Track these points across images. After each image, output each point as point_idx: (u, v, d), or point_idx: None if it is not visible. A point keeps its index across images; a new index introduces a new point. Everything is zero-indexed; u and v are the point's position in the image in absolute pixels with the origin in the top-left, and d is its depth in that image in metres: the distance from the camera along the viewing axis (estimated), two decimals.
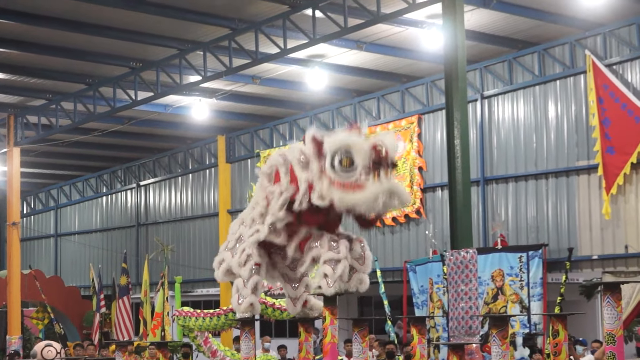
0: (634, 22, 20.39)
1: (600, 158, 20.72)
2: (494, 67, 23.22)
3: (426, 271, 22.78)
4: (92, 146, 31.28)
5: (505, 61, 22.98)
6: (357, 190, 9.51)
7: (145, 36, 21.46)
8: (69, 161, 35.33)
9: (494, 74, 23.25)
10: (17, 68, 23.49)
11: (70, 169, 37.09)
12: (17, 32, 20.86)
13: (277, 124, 29.05)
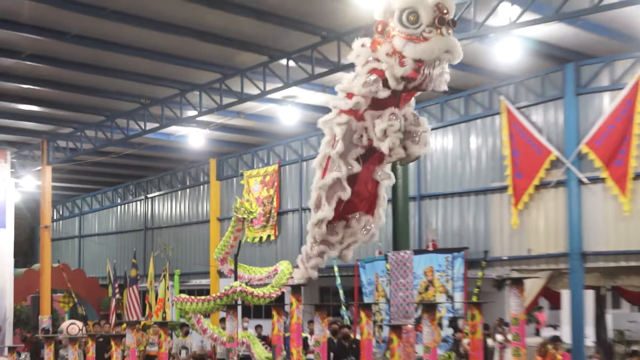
0: (538, 74, 20.67)
1: (511, 180, 20.95)
2: (429, 107, 23.38)
3: (373, 267, 22.88)
4: (109, 166, 31.16)
5: (438, 103, 23.17)
6: (422, 42, 8.43)
7: (153, 78, 21.48)
8: (90, 177, 35.15)
9: (429, 113, 23.41)
10: (50, 102, 23.41)
11: (91, 184, 36.91)
12: (50, 74, 20.79)
13: (257, 150, 29.13)
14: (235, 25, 17.99)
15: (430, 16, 8.10)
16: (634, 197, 18.90)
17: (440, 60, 8.62)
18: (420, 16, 8.18)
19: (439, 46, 8.37)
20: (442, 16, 8.13)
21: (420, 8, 8.12)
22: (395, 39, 8.29)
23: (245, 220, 18.92)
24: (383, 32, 8.49)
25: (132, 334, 15.40)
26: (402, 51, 8.44)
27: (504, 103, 21.22)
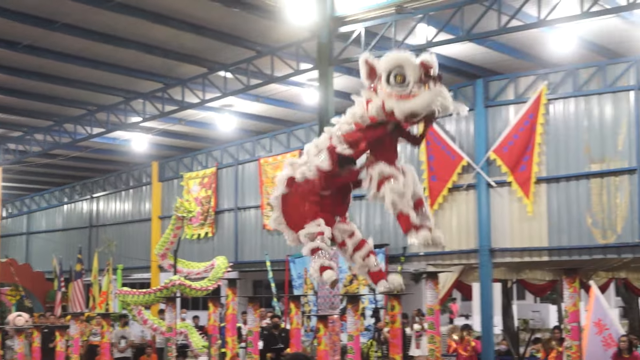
0: (451, 89, 20.67)
1: (427, 183, 21.05)
2: None
3: (302, 262, 22.85)
4: (57, 167, 30.52)
5: None
6: (413, 98, 7.63)
7: (100, 87, 21.14)
8: (39, 178, 34.31)
9: None
10: (2, 108, 22.79)
11: (40, 184, 36.04)
12: (2, 81, 20.26)
13: (196, 154, 28.82)
14: (177, 39, 17.83)
15: (417, 74, 7.74)
16: (536, 199, 19.25)
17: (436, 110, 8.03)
18: (407, 75, 7.85)
19: (430, 98, 7.88)
20: (427, 72, 7.77)
21: (407, 67, 7.75)
22: (386, 101, 7.78)
23: (185, 218, 18.74)
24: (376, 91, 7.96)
25: (76, 325, 15.13)
26: (393, 110, 7.93)
27: None
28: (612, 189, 18.23)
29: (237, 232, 26.91)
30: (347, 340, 12.14)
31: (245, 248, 26.62)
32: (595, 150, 18.56)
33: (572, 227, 18.77)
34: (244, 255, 26.58)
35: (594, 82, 18.70)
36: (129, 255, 30.37)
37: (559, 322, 21.88)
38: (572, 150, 18.93)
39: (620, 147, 18.20)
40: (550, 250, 19.16)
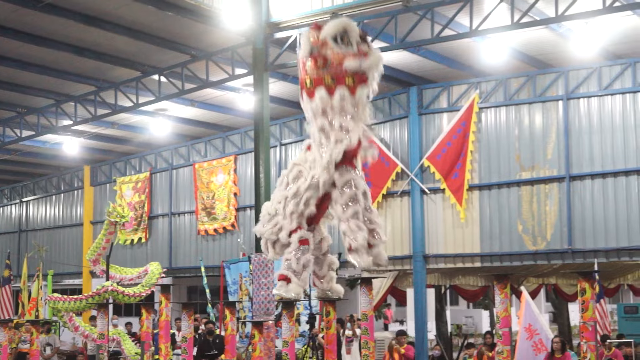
0: (386, 96, 21.03)
1: None
2: (290, 123, 23.49)
3: (237, 268, 22.71)
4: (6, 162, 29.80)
5: (297, 119, 23.30)
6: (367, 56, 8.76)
7: (31, 89, 20.70)
8: None
9: (290, 128, 23.56)
10: None
11: None
12: None
13: (130, 158, 28.44)
14: (110, 42, 17.60)
15: (355, 35, 8.59)
16: (468, 206, 19.56)
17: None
18: (351, 37, 8.62)
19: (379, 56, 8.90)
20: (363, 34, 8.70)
21: (350, 30, 8.58)
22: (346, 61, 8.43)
23: (118, 223, 18.45)
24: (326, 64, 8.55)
25: (4, 332, 14.74)
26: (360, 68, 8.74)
27: None
28: (542, 196, 18.65)
29: (172, 238, 26.66)
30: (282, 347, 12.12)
31: (179, 253, 26.38)
32: (526, 159, 18.96)
33: (503, 233, 19.14)
34: (178, 261, 26.33)
35: (524, 91, 19.13)
36: (60, 260, 29.79)
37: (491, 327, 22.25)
38: (504, 158, 19.30)
39: (549, 155, 18.65)
40: (483, 257, 19.49)
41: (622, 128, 17.83)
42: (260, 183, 16.63)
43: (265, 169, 16.67)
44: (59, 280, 29.87)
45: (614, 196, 17.80)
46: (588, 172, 18.14)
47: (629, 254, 17.72)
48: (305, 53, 8.94)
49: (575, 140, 18.36)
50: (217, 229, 25.10)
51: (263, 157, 16.71)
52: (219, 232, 25.13)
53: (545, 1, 14.61)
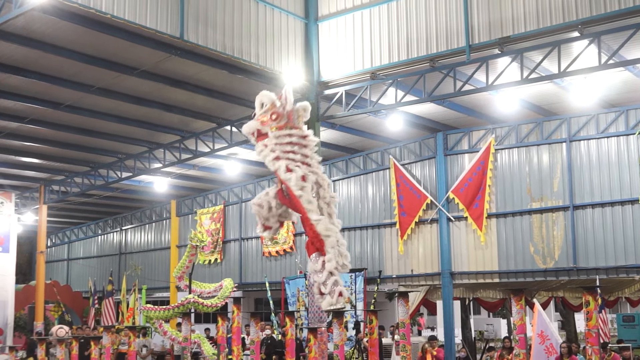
0: (417, 140, 20.93)
1: (397, 218, 21.08)
2: (337, 163, 23.44)
3: (295, 283, 22.70)
4: (92, 205, 30.27)
5: (343, 160, 23.26)
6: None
7: (128, 139, 21.07)
8: (77, 214, 34.01)
9: (337, 167, 23.52)
10: (47, 156, 22.65)
11: (78, 219, 35.70)
12: (47, 134, 20.18)
13: (207, 194, 28.71)
14: (192, 100, 17.86)
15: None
16: (487, 231, 19.22)
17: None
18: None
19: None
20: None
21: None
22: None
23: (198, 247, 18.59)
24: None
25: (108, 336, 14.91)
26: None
27: (392, 161, 21.43)
28: (550, 223, 18.25)
29: (242, 258, 26.71)
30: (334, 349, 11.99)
31: (248, 271, 26.41)
32: (535, 191, 18.62)
33: (517, 254, 18.74)
34: (247, 277, 26.35)
35: (533, 135, 18.84)
36: (152, 277, 30.09)
37: (509, 333, 21.70)
38: (517, 191, 18.98)
39: (555, 188, 18.29)
40: (500, 274, 19.08)
41: (618, 165, 17.42)
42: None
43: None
44: (151, 293, 30.14)
45: (612, 222, 17.34)
46: (589, 202, 17.73)
47: (626, 271, 17.21)
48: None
49: (578, 175, 17.98)
50: (279, 251, 25.10)
51: None
52: (280, 253, 25.12)
53: (550, 60, 14.43)
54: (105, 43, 14.21)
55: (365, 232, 22.37)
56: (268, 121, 7.32)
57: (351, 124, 20.05)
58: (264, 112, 7.40)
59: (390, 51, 15.82)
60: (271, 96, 7.34)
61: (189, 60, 15.10)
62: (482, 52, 14.75)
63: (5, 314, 21.93)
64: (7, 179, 25.50)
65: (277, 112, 7.34)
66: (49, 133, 20.08)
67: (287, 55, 16.35)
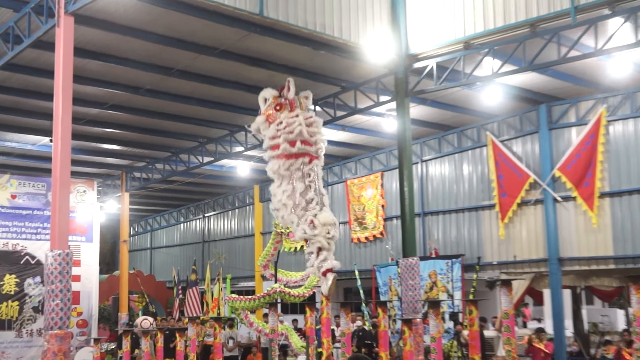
0: (517, 114, 20.53)
1: (497, 199, 20.79)
2: (429, 141, 23.33)
3: (387, 271, 22.77)
4: (174, 191, 31.31)
5: (436, 138, 23.11)
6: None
7: (209, 122, 21.58)
8: (159, 201, 35.29)
9: (429, 146, 23.38)
10: (128, 142, 23.54)
11: (160, 206, 37.06)
12: (128, 120, 20.96)
13: None
14: (272, 79, 17.95)
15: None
16: (600, 212, 18.64)
17: None
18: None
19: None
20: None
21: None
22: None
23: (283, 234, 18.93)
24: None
25: (193, 328, 15.40)
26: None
27: (490, 137, 21.09)
28: None
29: None
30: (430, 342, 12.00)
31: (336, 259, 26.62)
32: None
33: (636, 237, 18.09)
34: None
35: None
36: (236, 266, 30.90)
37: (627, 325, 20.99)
38: (633, 166, 18.28)
39: None
40: (616, 259, 18.48)
41: None
42: (405, 195, 16.57)
43: (408, 183, 16.60)
44: (236, 283, 30.95)
45: None
46: None
47: None
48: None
49: None
50: (368, 237, 25.22)
51: (406, 172, 16.64)
52: (369, 239, 25.25)
53: None
54: (183, 23, 14.61)
55: (462, 216, 22.17)
56: (273, 113, 8.90)
57: (444, 99, 19.85)
58: (267, 106, 8.91)
59: (485, 17, 15.49)
60: (272, 91, 8.88)
61: (269, 38, 15.30)
62: (589, 14, 14.18)
63: (89, 305, 23.04)
64: (89, 166, 26.71)
65: (280, 103, 8.92)
66: (129, 118, 20.87)
67: (372, 27, 16.29)
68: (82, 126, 20.65)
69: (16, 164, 25.76)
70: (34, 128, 21.14)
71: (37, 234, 21.90)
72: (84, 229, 23.46)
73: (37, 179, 22.44)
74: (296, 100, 8.86)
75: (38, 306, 20.97)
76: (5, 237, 21.41)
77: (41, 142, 22.55)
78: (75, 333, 21.83)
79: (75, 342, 21.37)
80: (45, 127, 19.77)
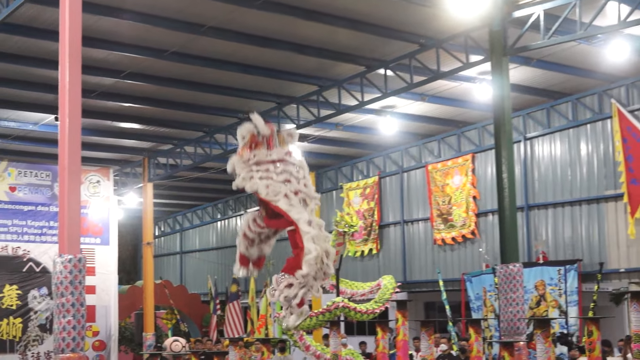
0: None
1: (625, 188, 20.37)
2: (534, 113, 23.03)
3: (480, 281, 22.58)
4: (209, 181, 31.67)
5: (544, 109, 22.78)
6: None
7: (251, 93, 21.74)
8: (190, 193, 35.81)
9: (535, 119, 23.06)
10: (150, 120, 23.94)
11: (191, 200, 37.59)
12: (149, 91, 21.27)
13: (356, 162, 29.14)
14: (331, 37, 18.06)
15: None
16: None
17: None
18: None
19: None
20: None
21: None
22: None
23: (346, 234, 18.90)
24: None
25: (235, 351, 15.59)
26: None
27: (616, 106, 20.66)
28: None
29: (405, 248, 26.95)
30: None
31: (414, 266, 26.61)
32: None
33: None
34: (413, 274, 26.58)
35: None
36: None
37: None
38: None
39: None
40: None
41: None
42: (503, 184, 16.34)
43: (508, 168, 16.37)
44: None
45: None
46: None
47: None
48: None
49: None
50: (456, 237, 25.03)
51: (505, 154, 16.41)
52: (457, 240, 25.06)
53: None
54: None
55: (578, 209, 21.85)
56: (247, 152, 9.21)
57: (553, 57, 19.54)
58: (243, 144, 9.20)
59: None
60: (249, 127, 9.16)
61: None
62: None
63: (107, 323, 23.43)
64: (103, 150, 27.25)
65: (256, 141, 9.16)
66: (151, 89, 21.17)
67: None
68: (93, 100, 21.05)
69: (15, 149, 26.45)
70: (35, 103, 21.65)
71: (42, 235, 22.44)
72: (99, 228, 23.92)
73: (40, 167, 22.98)
74: (274, 138, 9.43)
75: (46, 324, 21.49)
76: (4, 240, 21.95)
77: (45, 120, 23.09)
78: (92, 357, 22.35)
79: None
80: (49, 102, 20.22)
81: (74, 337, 12.03)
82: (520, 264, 16.09)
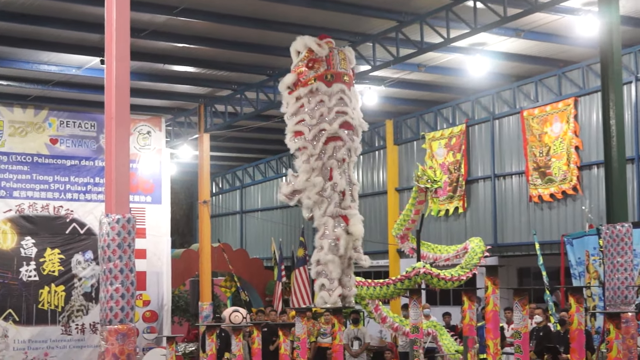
0: None
1: None
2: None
3: (583, 244, 22.38)
4: (272, 131, 31.78)
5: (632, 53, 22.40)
6: None
7: (321, 30, 21.50)
8: (252, 145, 36.08)
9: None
10: (207, 62, 24.09)
11: (253, 152, 37.87)
12: (206, 30, 21.40)
13: (440, 108, 29.03)
14: None
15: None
16: None
17: None
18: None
19: None
20: None
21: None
22: None
23: (429, 190, 19.00)
24: None
25: (302, 323, 15.73)
26: None
27: None
28: None
29: (496, 206, 26.87)
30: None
31: (506, 226, 26.54)
32: None
33: None
34: (505, 236, 26.52)
35: None
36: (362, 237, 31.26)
37: None
38: None
39: None
40: None
41: None
42: (611, 132, 16.15)
43: (616, 113, 16.15)
44: None
45: None
46: None
47: None
48: None
49: None
50: (555, 193, 24.85)
51: (613, 97, 16.19)
52: (557, 197, 24.88)
53: None
54: None
55: None
56: (305, 71, 9.39)
57: None
58: (299, 60, 9.33)
59: None
60: (307, 42, 9.13)
61: None
62: None
63: (159, 291, 23.61)
64: (155, 97, 27.58)
65: (314, 59, 9.37)
66: (208, 27, 21.28)
67: None
68: (143, 40, 21.29)
69: (56, 96, 26.93)
70: (78, 45, 21.98)
71: (87, 192, 22.81)
72: (150, 185, 24.21)
73: (84, 116, 23.28)
74: (335, 58, 9.52)
75: (91, 292, 21.91)
76: (45, 198, 22.28)
77: (89, 64, 23.44)
78: (142, 329, 22.77)
79: (142, 342, 22.34)
80: (94, 42, 20.55)
81: (123, 306, 12.09)
82: (630, 223, 15.94)
